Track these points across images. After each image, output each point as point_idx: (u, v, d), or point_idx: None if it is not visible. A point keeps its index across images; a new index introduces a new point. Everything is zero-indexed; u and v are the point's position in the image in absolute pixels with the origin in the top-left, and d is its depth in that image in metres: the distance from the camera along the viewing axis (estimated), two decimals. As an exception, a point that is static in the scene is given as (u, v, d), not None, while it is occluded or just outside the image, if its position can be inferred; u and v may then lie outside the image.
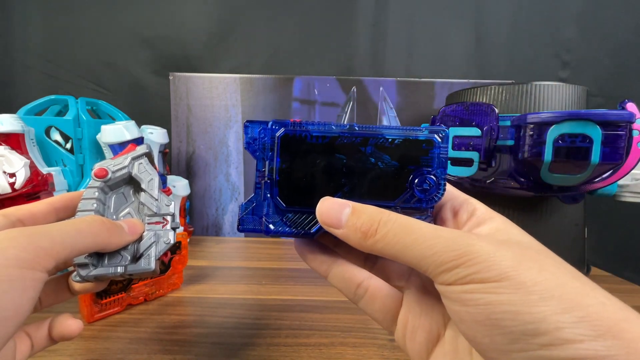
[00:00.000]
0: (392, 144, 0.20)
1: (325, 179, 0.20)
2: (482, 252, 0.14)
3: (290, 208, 0.20)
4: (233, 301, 0.40)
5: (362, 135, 0.20)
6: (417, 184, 0.20)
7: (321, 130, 0.20)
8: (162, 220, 0.24)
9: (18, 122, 0.43)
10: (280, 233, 0.20)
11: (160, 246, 0.23)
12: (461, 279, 0.14)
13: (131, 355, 0.30)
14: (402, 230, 0.16)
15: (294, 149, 0.20)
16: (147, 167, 0.25)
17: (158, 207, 0.24)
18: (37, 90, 0.68)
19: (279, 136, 0.20)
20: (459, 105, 0.42)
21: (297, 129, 0.20)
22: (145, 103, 0.70)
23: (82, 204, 0.23)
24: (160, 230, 0.24)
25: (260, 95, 0.68)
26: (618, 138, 0.33)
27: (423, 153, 0.20)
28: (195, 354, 0.30)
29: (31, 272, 0.16)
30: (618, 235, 0.70)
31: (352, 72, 0.70)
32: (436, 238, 0.15)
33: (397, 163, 0.20)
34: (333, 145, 0.20)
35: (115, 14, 0.68)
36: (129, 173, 0.25)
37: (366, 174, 0.20)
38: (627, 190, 0.40)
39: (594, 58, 0.68)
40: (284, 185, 0.20)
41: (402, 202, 0.20)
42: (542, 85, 0.41)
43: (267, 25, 0.69)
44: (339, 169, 0.20)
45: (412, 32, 0.69)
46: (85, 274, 0.21)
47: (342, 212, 0.18)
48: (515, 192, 0.39)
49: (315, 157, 0.20)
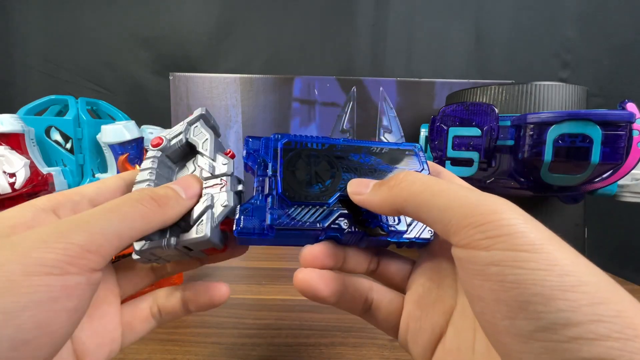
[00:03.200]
0: (382, 152, 0.23)
1: (328, 177, 0.21)
2: (514, 218, 0.13)
3: (295, 202, 0.20)
4: (233, 301, 0.40)
5: (355, 144, 0.23)
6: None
7: (320, 141, 0.23)
8: (219, 182, 0.21)
9: (18, 122, 0.43)
10: (286, 228, 0.19)
11: (217, 209, 0.19)
12: (488, 239, 0.12)
13: (131, 355, 0.30)
14: (429, 180, 0.16)
15: (297, 153, 0.22)
16: (202, 129, 0.23)
17: (213, 167, 0.21)
18: (37, 90, 0.68)
19: (282, 142, 0.22)
20: (459, 105, 0.42)
21: (298, 138, 0.23)
22: (145, 103, 0.70)
23: (139, 175, 0.21)
24: (217, 192, 0.20)
25: (260, 95, 0.68)
26: (618, 138, 0.33)
27: (408, 158, 0.23)
28: (195, 354, 0.30)
29: (61, 278, 0.13)
30: (618, 236, 0.70)
31: (352, 72, 0.70)
32: (467, 191, 0.14)
33: (388, 165, 0.23)
34: (331, 151, 0.23)
35: (115, 14, 0.69)
36: (186, 139, 0.22)
37: (363, 175, 0.22)
38: (627, 190, 0.40)
39: (594, 58, 0.68)
40: (289, 182, 0.21)
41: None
42: (542, 86, 0.41)
43: (267, 25, 0.69)
44: (339, 168, 0.22)
45: (412, 32, 0.69)
46: (139, 247, 0.18)
47: (367, 184, 0.19)
48: (515, 192, 0.39)
49: (317, 159, 0.22)
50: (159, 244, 0.18)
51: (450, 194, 0.15)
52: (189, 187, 0.20)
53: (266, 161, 0.22)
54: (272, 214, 0.19)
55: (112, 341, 0.19)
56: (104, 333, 0.19)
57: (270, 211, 0.19)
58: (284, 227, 0.19)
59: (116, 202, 0.16)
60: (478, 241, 0.13)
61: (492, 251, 0.12)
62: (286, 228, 0.19)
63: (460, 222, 0.13)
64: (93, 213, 0.15)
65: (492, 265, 0.12)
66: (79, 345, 0.18)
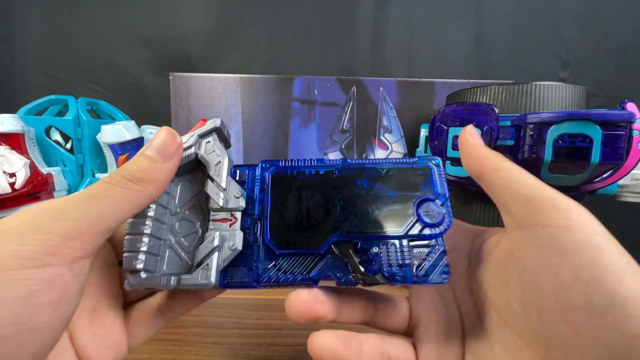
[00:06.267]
0: (388, 174, 0.19)
1: (322, 216, 0.19)
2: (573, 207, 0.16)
3: (285, 251, 0.18)
4: (233, 301, 0.40)
5: (355, 167, 0.20)
6: (422, 210, 0.19)
7: (313, 165, 0.20)
8: (229, 218, 0.19)
9: (18, 122, 0.43)
10: (275, 282, 0.18)
11: (224, 253, 0.18)
12: (569, 220, 0.15)
13: (131, 355, 0.30)
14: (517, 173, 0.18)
15: (286, 186, 0.19)
16: (215, 146, 0.20)
17: (225, 199, 0.19)
18: (37, 90, 0.68)
19: (270, 174, 0.20)
20: (459, 105, 0.42)
21: (288, 165, 0.20)
22: (145, 103, 0.70)
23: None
24: (227, 230, 0.18)
25: (260, 95, 0.68)
26: (618, 138, 0.33)
27: (421, 180, 0.19)
28: (195, 354, 0.30)
29: (40, 270, 0.13)
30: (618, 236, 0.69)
31: (352, 72, 0.70)
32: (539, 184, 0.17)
33: (395, 193, 0.19)
34: (327, 179, 0.19)
35: (115, 13, 0.68)
36: (195, 154, 0.19)
37: (365, 206, 0.19)
38: (627, 190, 0.40)
39: (594, 58, 0.68)
40: (277, 226, 0.18)
41: (409, 232, 0.18)
42: (542, 86, 0.41)
43: (267, 25, 0.69)
44: (336, 203, 0.19)
45: (412, 32, 0.69)
46: (135, 282, 0.17)
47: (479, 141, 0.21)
48: (515, 192, 0.39)
49: (309, 193, 0.19)
50: (157, 283, 0.17)
51: (534, 181, 0.17)
52: (165, 147, 0.17)
53: (252, 198, 0.19)
54: (257, 268, 0.18)
55: (117, 344, 0.19)
56: (106, 336, 0.18)
57: (255, 264, 0.18)
58: (271, 283, 0.18)
59: (93, 188, 0.15)
60: (560, 220, 0.15)
61: (574, 231, 0.14)
62: (277, 283, 0.18)
63: (544, 205, 0.15)
64: (70, 201, 0.15)
65: (573, 244, 0.14)
66: (80, 349, 0.17)
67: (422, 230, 0.18)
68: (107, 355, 0.18)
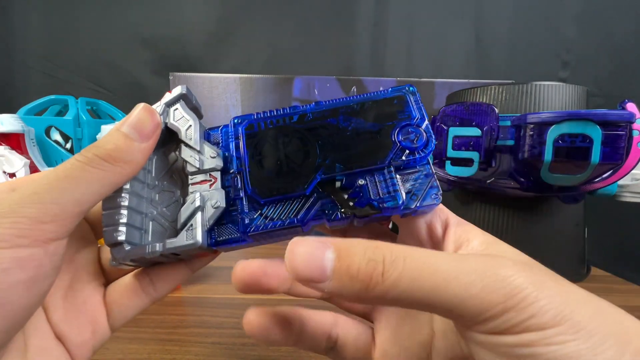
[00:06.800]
0: (363, 108, 0.19)
1: (302, 159, 0.18)
2: (528, 286, 0.12)
3: (269, 199, 0.18)
4: (233, 301, 0.40)
5: (329, 107, 0.19)
6: (403, 136, 0.18)
7: (286, 113, 0.19)
8: (208, 178, 0.18)
9: (18, 122, 0.43)
10: (264, 231, 0.17)
11: (208, 212, 0.17)
12: (514, 327, 0.12)
13: (131, 355, 0.30)
14: (420, 268, 0.12)
15: (262, 137, 0.19)
16: (184, 112, 0.19)
17: (201, 161, 0.18)
18: (37, 90, 0.68)
19: (243, 128, 0.19)
20: (459, 105, 0.42)
21: (260, 117, 0.19)
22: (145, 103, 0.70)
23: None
24: (207, 190, 0.18)
25: (260, 95, 0.68)
26: (618, 138, 0.33)
27: (398, 108, 0.19)
28: (195, 354, 0.30)
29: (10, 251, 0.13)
30: (618, 236, 0.70)
31: (352, 72, 0.70)
32: (468, 273, 0.12)
33: (374, 124, 0.18)
34: (302, 123, 0.19)
35: (115, 13, 0.69)
36: (165, 124, 0.19)
37: (345, 142, 0.18)
38: (627, 190, 0.40)
39: (594, 58, 0.68)
40: (257, 176, 0.18)
41: (393, 161, 0.17)
42: (542, 85, 0.41)
43: (267, 25, 0.69)
44: (314, 144, 0.18)
45: (412, 32, 0.69)
46: (119, 255, 0.17)
47: (322, 258, 0.13)
48: (516, 192, 0.39)
49: (286, 139, 0.19)
50: (142, 252, 0.17)
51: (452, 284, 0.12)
52: (143, 126, 0.16)
53: (229, 155, 0.19)
54: (243, 219, 0.17)
55: (94, 323, 0.18)
56: (80, 313, 0.18)
57: (241, 216, 0.18)
58: (260, 232, 0.17)
59: (65, 168, 0.15)
60: (505, 329, 0.12)
61: (523, 334, 0.12)
62: (262, 232, 0.17)
63: (478, 316, 0.12)
64: (42, 183, 0.14)
65: (525, 347, 0.12)
66: (54, 326, 0.17)
67: (408, 155, 0.17)
68: (84, 333, 0.17)
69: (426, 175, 0.17)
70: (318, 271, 0.13)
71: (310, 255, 0.13)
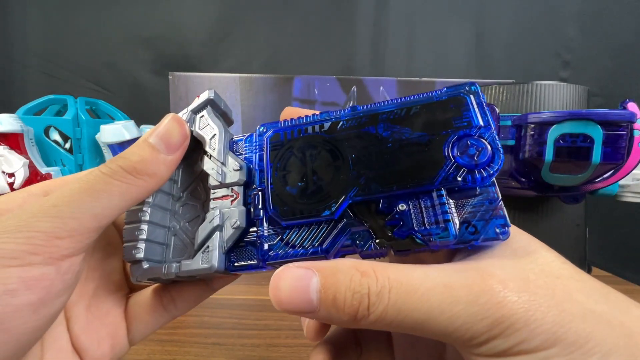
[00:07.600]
0: (409, 114, 0.15)
1: (331, 175, 0.15)
2: (517, 309, 0.11)
3: (291, 222, 0.15)
4: (233, 301, 0.40)
5: (367, 112, 0.16)
6: (459, 150, 0.14)
7: (316, 120, 0.16)
8: (230, 193, 0.16)
9: (17, 121, 0.43)
10: (283, 260, 0.15)
11: (227, 233, 0.16)
12: (504, 352, 0.12)
13: (131, 355, 0.30)
14: (405, 301, 0.12)
15: (288, 148, 0.16)
16: (210, 119, 0.18)
17: (223, 174, 0.17)
18: (36, 90, 0.67)
19: (269, 138, 0.17)
20: (460, 105, 0.42)
21: (288, 125, 0.17)
22: (144, 103, 0.70)
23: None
24: (228, 207, 0.16)
25: (260, 95, 0.68)
26: (619, 138, 0.33)
27: (454, 113, 0.15)
28: (195, 355, 0.30)
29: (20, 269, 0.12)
30: (619, 236, 0.70)
31: (352, 72, 0.70)
32: (454, 303, 0.12)
33: (422, 134, 0.14)
34: (334, 132, 0.16)
35: (115, 13, 0.68)
36: (191, 132, 0.17)
37: (384, 157, 0.15)
38: (628, 190, 0.40)
39: (595, 58, 0.68)
40: (280, 194, 0.16)
41: (445, 181, 0.14)
42: (542, 85, 0.41)
43: (267, 25, 0.69)
44: (347, 158, 0.15)
45: (412, 32, 0.69)
46: (138, 273, 0.16)
47: (308, 290, 0.12)
48: (516, 192, 0.39)
49: (314, 151, 0.16)
50: (159, 272, 0.16)
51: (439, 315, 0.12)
52: (170, 137, 0.16)
53: (252, 168, 0.17)
54: (262, 245, 0.16)
55: (114, 336, 0.18)
56: (102, 326, 0.17)
57: (260, 240, 0.16)
58: (279, 261, 0.15)
59: (88, 180, 0.14)
60: (494, 354, 0.12)
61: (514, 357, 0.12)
62: (286, 258, 0.15)
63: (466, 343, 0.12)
64: (62, 195, 0.13)
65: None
66: (74, 338, 0.16)
67: (466, 175, 0.14)
68: (103, 347, 0.17)
69: (490, 201, 0.14)
70: (305, 304, 0.12)
71: (294, 289, 0.12)
